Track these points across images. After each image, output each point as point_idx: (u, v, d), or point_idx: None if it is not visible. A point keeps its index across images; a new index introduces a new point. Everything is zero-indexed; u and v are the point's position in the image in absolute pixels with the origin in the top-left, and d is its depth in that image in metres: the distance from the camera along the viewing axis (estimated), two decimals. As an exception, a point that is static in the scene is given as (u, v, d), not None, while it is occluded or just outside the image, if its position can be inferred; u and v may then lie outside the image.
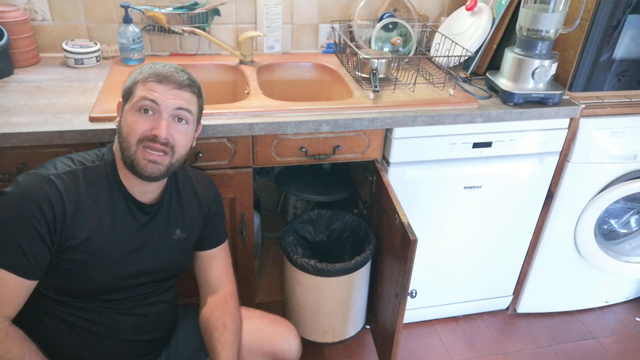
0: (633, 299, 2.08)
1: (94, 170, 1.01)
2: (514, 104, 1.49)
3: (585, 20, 1.44)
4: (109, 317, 1.06)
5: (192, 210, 1.15)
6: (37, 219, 0.92)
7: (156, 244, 1.09)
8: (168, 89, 0.98)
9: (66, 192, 0.95)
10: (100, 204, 1.00)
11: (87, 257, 0.99)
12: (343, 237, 1.64)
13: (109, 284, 1.04)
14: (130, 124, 0.98)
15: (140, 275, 1.08)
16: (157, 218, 1.09)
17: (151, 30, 1.70)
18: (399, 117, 1.40)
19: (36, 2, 1.60)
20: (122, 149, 0.99)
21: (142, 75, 1.00)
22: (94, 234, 0.99)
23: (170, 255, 1.12)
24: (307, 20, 1.82)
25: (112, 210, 1.01)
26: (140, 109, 0.98)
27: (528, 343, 1.86)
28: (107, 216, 1.01)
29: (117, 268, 1.03)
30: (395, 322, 1.34)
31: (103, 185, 1.01)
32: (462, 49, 1.56)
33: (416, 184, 1.55)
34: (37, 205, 0.92)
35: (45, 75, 1.53)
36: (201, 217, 1.17)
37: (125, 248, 1.04)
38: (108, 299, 1.05)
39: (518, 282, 1.91)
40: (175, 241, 1.12)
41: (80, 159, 1.02)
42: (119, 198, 1.02)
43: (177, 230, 1.12)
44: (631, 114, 1.58)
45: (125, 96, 1.02)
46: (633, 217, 1.89)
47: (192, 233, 1.16)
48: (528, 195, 1.68)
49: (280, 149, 1.42)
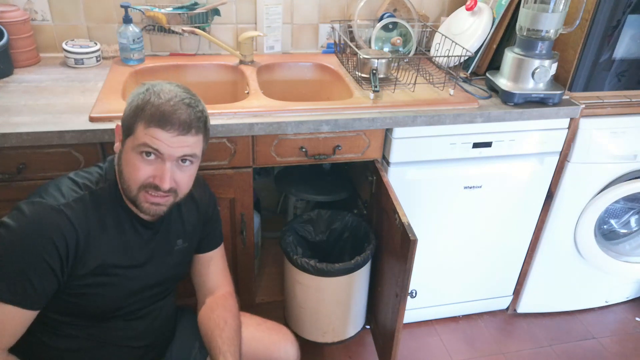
0: (633, 299, 2.08)
1: (99, 193, 0.98)
2: (514, 104, 1.49)
3: (585, 20, 1.44)
4: (113, 328, 1.06)
5: (191, 217, 1.14)
6: (49, 254, 0.89)
7: (160, 257, 1.08)
8: (172, 136, 0.91)
9: (78, 222, 0.92)
10: (109, 227, 0.98)
11: (99, 280, 0.98)
12: (343, 237, 1.64)
13: (117, 302, 1.03)
14: (132, 168, 0.94)
15: (146, 289, 1.07)
16: (160, 232, 1.07)
17: (151, 30, 1.70)
18: (399, 117, 1.40)
19: (36, 2, 1.60)
20: (123, 188, 0.97)
21: (144, 113, 0.91)
22: (107, 259, 0.97)
23: (173, 266, 1.11)
24: (307, 20, 1.82)
25: (119, 230, 1.00)
26: (141, 153, 0.93)
27: (528, 343, 1.86)
28: (115, 237, 0.99)
29: (125, 286, 1.03)
30: (395, 322, 1.34)
31: (109, 207, 0.99)
32: (462, 49, 1.56)
33: (416, 184, 1.55)
34: (50, 240, 0.89)
35: (45, 75, 1.53)
36: (200, 222, 1.16)
37: (132, 265, 1.03)
38: (115, 315, 1.05)
39: (518, 282, 1.91)
40: (178, 251, 1.12)
41: (84, 181, 0.98)
42: (124, 217, 1.01)
43: (179, 240, 1.11)
44: (631, 114, 1.58)
45: (125, 129, 0.95)
46: (633, 217, 1.89)
47: (192, 240, 1.15)
48: (528, 195, 1.68)
49: (280, 149, 1.42)
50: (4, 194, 1.25)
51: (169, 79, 1.66)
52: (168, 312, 1.18)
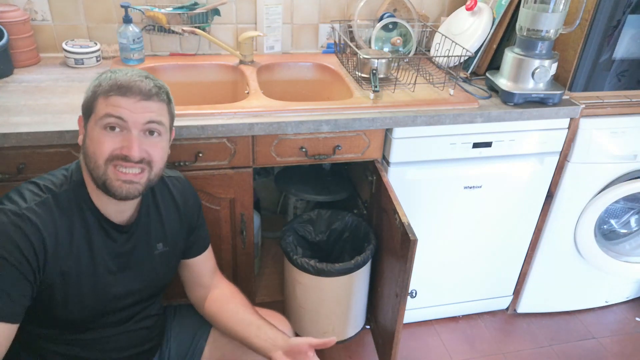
0: (633, 299, 2.08)
1: (64, 196, 0.92)
2: (514, 104, 1.49)
3: (585, 20, 1.44)
4: (97, 340, 1.03)
5: (172, 221, 1.09)
6: (18, 261, 0.84)
7: (139, 262, 1.04)
8: (134, 102, 0.89)
9: (43, 226, 0.88)
10: (75, 231, 0.93)
11: (69, 287, 0.93)
12: (343, 237, 1.64)
13: (95, 309, 0.99)
14: (96, 143, 0.89)
15: (127, 296, 1.04)
16: (137, 236, 1.03)
17: (151, 30, 1.70)
18: (399, 117, 1.40)
19: (36, 2, 1.60)
20: (90, 170, 0.91)
21: (102, 87, 0.90)
22: (73, 264, 0.93)
23: (154, 271, 1.08)
24: (307, 20, 1.82)
25: (88, 235, 0.95)
26: (105, 127, 0.89)
27: (528, 343, 1.86)
28: (83, 243, 0.94)
29: (101, 293, 0.98)
30: (395, 322, 1.34)
31: (75, 211, 0.93)
32: (462, 49, 1.56)
33: (416, 184, 1.55)
34: (16, 246, 0.84)
35: (45, 75, 1.53)
36: (184, 228, 1.12)
37: (107, 271, 0.98)
38: (95, 326, 1.02)
39: (518, 282, 1.91)
40: (158, 256, 1.08)
41: (47, 183, 0.92)
42: (93, 222, 0.95)
43: (159, 244, 1.07)
44: (631, 114, 1.58)
45: (85, 111, 0.92)
46: (633, 217, 1.89)
47: (175, 245, 1.11)
48: (528, 195, 1.68)
49: (280, 149, 1.42)
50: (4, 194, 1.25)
51: (169, 79, 1.67)
52: (155, 320, 1.15)
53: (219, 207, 1.46)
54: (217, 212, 1.47)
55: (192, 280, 1.20)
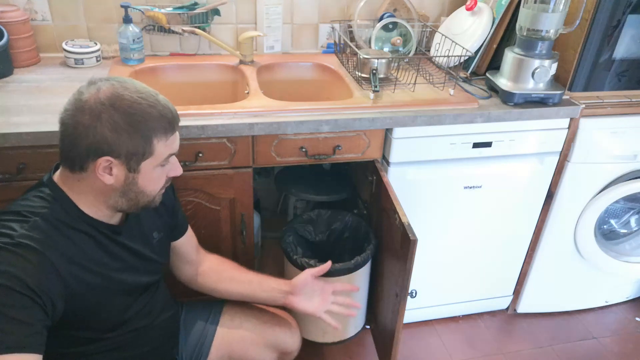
0: (633, 299, 2.08)
1: (50, 215, 0.87)
2: (514, 104, 1.49)
3: (585, 20, 1.44)
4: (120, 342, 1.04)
5: (159, 208, 1.08)
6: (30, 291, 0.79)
7: (141, 256, 1.05)
8: (178, 133, 0.93)
9: (43, 247, 0.83)
10: (75, 244, 0.90)
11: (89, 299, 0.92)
12: (343, 237, 1.64)
13: (116, 310, 1.00)
14: (156, 180, 0.93)
15: (139, 288, 1.06)
16: (133, 231, 1.03)
17: (151, 30, 1.69)
18: (399, 117, 1.40)
19: (36, 2, 1.60)
20: (135, 199, 0.92)
21: (156, 129, 0.87)
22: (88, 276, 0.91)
23: (155, 258, 1.10)
24: (307, 20, 1.82)
25: (90, 244, 0.93)
26: (163, 164, 0.92)
27: (528, 343, 1.86)
28: (87, 252, 0.92)
29: (118, 291, 0.99)
30: (395, 322, 1.34)
31: (68, 225, 0.89)
32: (462, 49, 1.56)
33: (416, 184, 1.55)
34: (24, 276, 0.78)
35: (45, 75, 1.53)
36: (169, 211, 1.14)
37: (116, 271, 0.98)
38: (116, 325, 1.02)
39: (518, 282, 1.91)
40: (156, 243, 1.10)
41: (25, 209, 0.87)
42: (89, 229, 0.92)
43: (154, 233, 1.09)
44: (631, 114, 1.58)
45: (137, 156, 0.88)
46: (633, 217, 1.89)
47: (165, 229, 1.13)
48: (528, 195, 1.68)
49: (280, 149, 1.42)
50: (4, 194, 1.25)
51: (169, 79, 1.67)
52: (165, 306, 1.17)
53: (219, 207, 1.46)
54: (217, 212, 1.47)
55: (180, 259, 1.22)
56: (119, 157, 0.86)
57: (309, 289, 1.25)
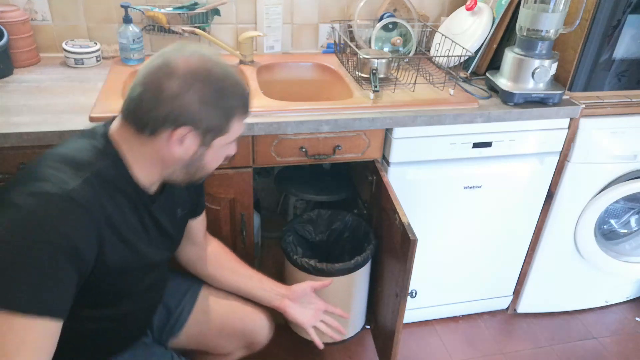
0: (633, 299, 2.08)
1: (104, 171, 0.84)
2: (514, 104, 1.49)
3: (585, 20, 1.44)
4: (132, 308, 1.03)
5: (191, 186, 1.07)
6: (71, 254, 0.76)
7: (166, 230, 1.02)
8: None
9: (94, 211, 0.80)
10: (121, 209, 0.87)
11: (123, 268, 0.90)
12: (343, 237, 1.64)
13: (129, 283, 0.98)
14: (219, 157, 0.93)
15: (161, 264, 1.05)
16: (164, 204, 1.00)
17: (151, 30, 1.69)
18: (399, 117, 1.40)
19: (36, 2, 1.60)
20: (193, 173, 0.92)
21: (238, 109, 0.88)
22: (120, 246, 0.88)
23: (175, 235, 1.07)
24: (307, 20, 1.82)
25: (130, 210, 0.89)
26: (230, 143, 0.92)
27: (528, 343, 1.86)
28: (128, 219, 0.89)
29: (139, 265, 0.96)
30: (395, 322, 1.34)
31: (116, 187, 0.86)
32: (462, 49, 1.56)
33: (416, 184, 1.55)
34: (69, 237, 0.75)
35: (45, 75, 1.53)
36: (198, 189, 1.13)
37: (144, 242, 0.95)
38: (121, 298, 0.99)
39: (518, 282, 1.91)
40: (179, 219, 1.07)
41: (80, 160, 0.83)
42: (133, 196, 0.90)
43: (179, 209, 1.06)
44: (631, 114, 1.58)
45: (213, 131, 0.87)
46: (633, 217, 1.89)
47: (189, 207, 1.12)
48: (528, 195, 1.68)
49: (280, 149, 1.42)
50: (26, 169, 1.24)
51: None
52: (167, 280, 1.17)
53: (219, 207, 1.46)
54: (217, 212, 1.47)
55: (188, 239, 1.19)
56: (198, 129, 0.84)
57: (305, 300, 1.26)
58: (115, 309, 0.99)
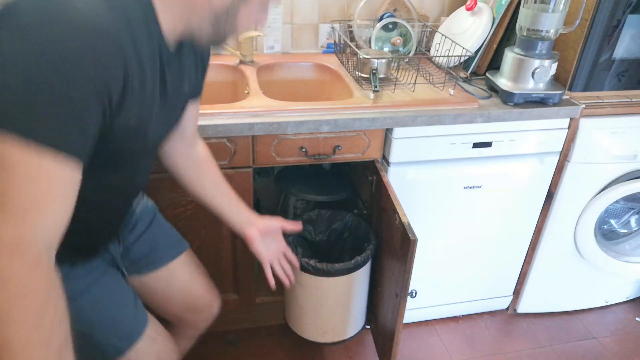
0: (633, 299, 2.08)
1: (133, 7, 0.70)
2: (514, 104, 1.49)
3: (585, 20, 1.44)
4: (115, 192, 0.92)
5: (199, 62, 0.98)
6: (99, 91, 0.65)
7: (171, 99, 0.89)
8: None
9: (125, 45, 0.68)
10: (143, 54, 0.73)
11: (138, 118, 0.77)
12: (343, 237, 1.64)
13: (146, 146, 0.88)
14: (251, 20, 0.85)
15: (155, 145, 0.95)
16: (176, 66, 0.87)
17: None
18: (399, 117, 1.40)
19: None
20: (222, 31, 0.82)
21: None
22: (135, 106, 0.74)
23: (179, 110, 0.97)
24: (307, 20, 1.82)
25: (151, 63, 0.76)
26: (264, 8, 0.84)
27: (528, 343, 1.86)
28: (154, 70, 0.78)
29: (146, 131, 0.84)
30: (395, 322, 1.34)
31: (140, 26, 0.72)
32: (462, 49, 1.56)
33: (416, 184, 1.55)
34: (97, 71, 0.63)
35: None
36: (204, 68, 1.02)
37: (163, 105, 0.85)
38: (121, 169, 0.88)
39: (518, 282, 1.91)
40: (184, 95, 0.96)
41: None
42: (155, 44, 0.76)
43: (185, 83, 0.94)
44: (631, 114, 1.58)
45: None
46: (633, 217, 1.89)
47: (192, 86, 0.99)
48: (528, 195, 1.68)
49: (280, 149, 1.42)
50: None
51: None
52: (148, 179, 1.06)
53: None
54: (217, 212, 1.47)
55: (177, 131, 1.07)
56: None
57: (270, 237, 1.25)
58: (99, 186, 0.85)
